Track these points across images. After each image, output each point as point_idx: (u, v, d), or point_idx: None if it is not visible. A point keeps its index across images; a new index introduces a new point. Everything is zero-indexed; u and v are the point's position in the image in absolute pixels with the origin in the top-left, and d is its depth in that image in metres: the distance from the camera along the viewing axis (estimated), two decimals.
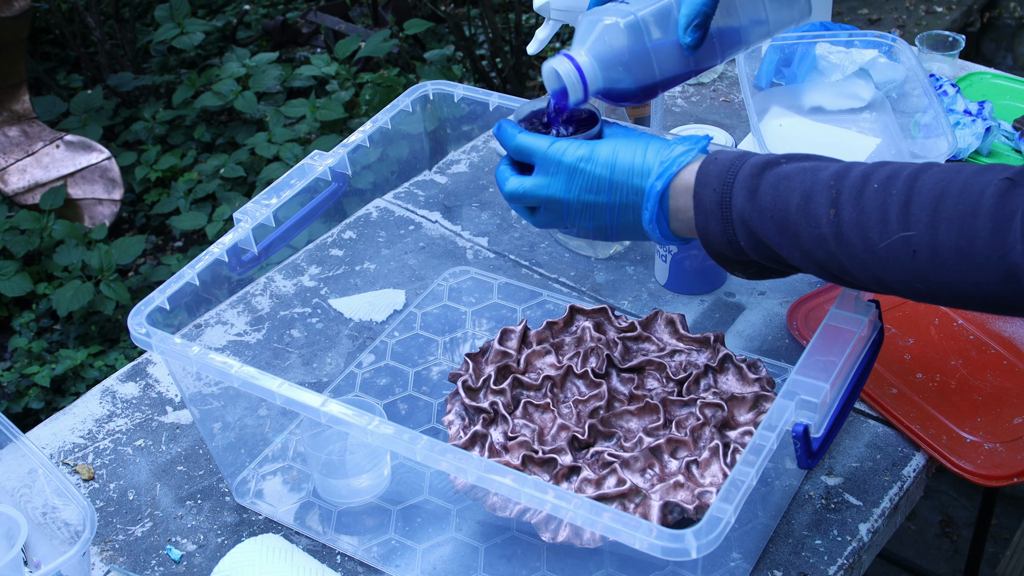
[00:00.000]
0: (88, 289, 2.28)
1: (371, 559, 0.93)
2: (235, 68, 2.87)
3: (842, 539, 0.93)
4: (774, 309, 1.17)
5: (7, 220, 2.49)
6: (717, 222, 0.80)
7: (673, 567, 0.90)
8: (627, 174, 0.84)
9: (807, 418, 0.77)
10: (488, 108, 1.08)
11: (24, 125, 2.73)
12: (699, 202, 0.81)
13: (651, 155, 0.84)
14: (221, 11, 3.57)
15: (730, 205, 0.80)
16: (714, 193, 0.80)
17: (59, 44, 3.33)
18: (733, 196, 0.79)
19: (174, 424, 1.07)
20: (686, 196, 0.82)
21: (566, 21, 1.13)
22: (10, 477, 1.00)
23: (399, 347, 1.14)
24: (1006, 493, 2.12)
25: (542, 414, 0.95)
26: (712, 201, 0.80)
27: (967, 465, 0.97)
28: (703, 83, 1.57)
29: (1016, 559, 1.32)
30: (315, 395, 0.80)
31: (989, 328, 1.12)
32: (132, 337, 0.86)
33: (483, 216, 1.33)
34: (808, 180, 0.77)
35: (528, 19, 3.22)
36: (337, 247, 1.29)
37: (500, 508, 0.87)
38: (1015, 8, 3.43)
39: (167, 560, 0.94)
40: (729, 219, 0.80)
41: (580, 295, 1.20)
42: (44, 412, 2.12)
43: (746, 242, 0.80)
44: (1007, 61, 3.45)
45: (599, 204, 0.86)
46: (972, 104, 1.38)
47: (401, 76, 2.88)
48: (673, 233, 0.85)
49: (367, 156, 1.06)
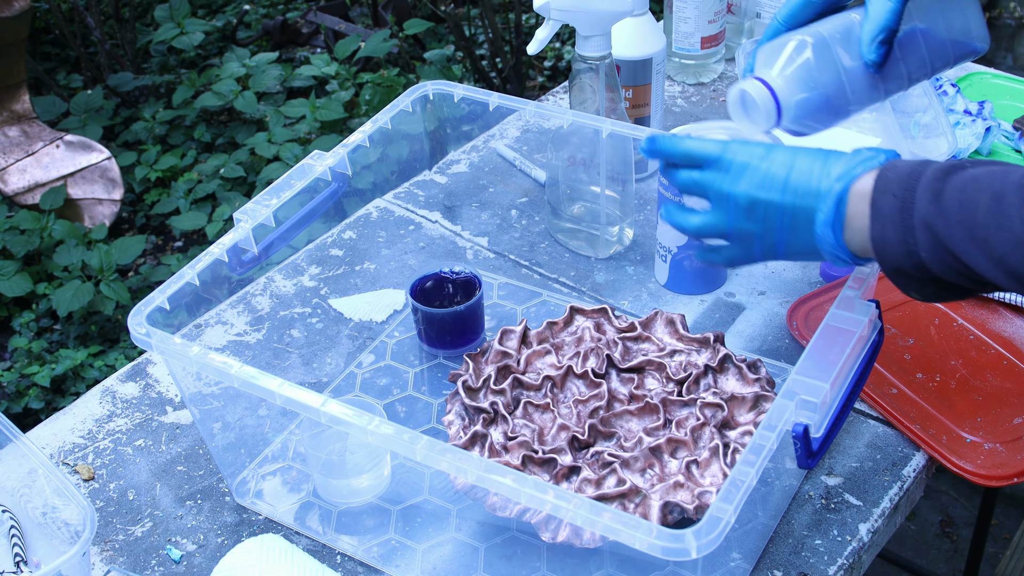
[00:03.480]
0: (88, 289, 2.28)
1: (371, 559, 0.93)
2: (235, 68, 2.87)
3: (842, 539, 0.93)
4: (774, 309, 1.17)
5: (7, 220, 2.49)
6: (896, 230, 0.76)
7: (673, 567, 0.90)
8: (805, 175, 0.81)
9: (807, 418, 0.77)
10: (488, 108, 1.08)
11: (24, 125, 2.73)
12: (877, 209, 0.77)
13: (832, 159, 0.81)
14: (221, 11, 3.57)
15: (912, 211, 0.75)
16: (894, 199, 0.76)
17: (59, 44, 3.34)
18: (916, 201, 0.75)
19: (174, 424, 1.07)
20: (863, 202, 0.78)
21: (566, 21, 1.13)
22: (10, 477, 1.00)
23: (399, 347, 1.14)
24: (1006, 493, 2.12)
25: (542, 414, 0.95)
26: (892, 207, 0.76)
27: (967, 465, 0.97)
28: (703, 83, 1.57)
29: (1016, 559, 1.32)
30: (315, 395, 0.80)
31: (989, 328, 1.12)
32: (132, 337, 0.86)
33: (483, 216, 1.33)
34: (998, 182, 0.73)
35: (528, 19, 3.22)
36: (337, 247, 1.29)
37: (500, 508, 0.87)
38: (1015, 8, 3.43)
39: (167, 560, 0.94)
40: (910, 226, 0.75)
41: (580, 295, 1.20)
42: (44, 412, 2.12)
43: (927, 252, 0.75)
44: (1007, 61, 3.45)
45: (771, 204, 0.82)
46: (972, 104, 1.38)
47: (401, 76, 2.88)
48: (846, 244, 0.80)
49: (367, 156, 1.06)
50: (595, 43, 1.15)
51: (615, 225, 1.24)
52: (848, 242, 0.80)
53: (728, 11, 1.55)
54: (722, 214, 0.85)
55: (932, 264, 0.75)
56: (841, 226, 0.79)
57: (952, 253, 0.74)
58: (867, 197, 0.78)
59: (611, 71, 1.18)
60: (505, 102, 1.07)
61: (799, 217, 0.81)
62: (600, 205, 1.23)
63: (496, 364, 0.98)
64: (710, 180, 0.85)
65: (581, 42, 1.15)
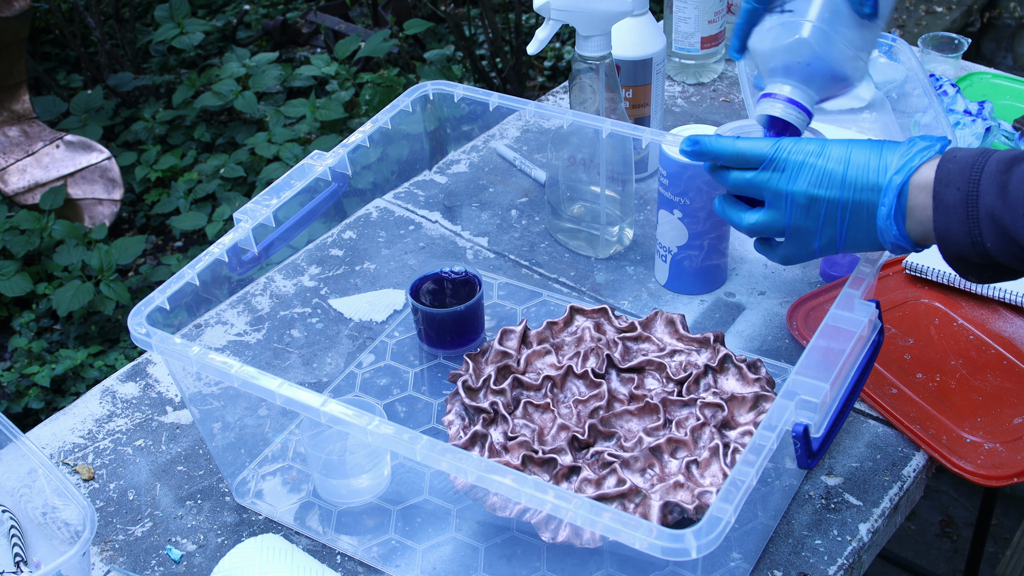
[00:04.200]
0: (88, 289, 2.28)
1: (371, 559, 0.93)
2: (235, 68, 2.87)
3: (842, 539, 0.93)
4: (774, 309, 1.17)
5: (7, 220, 2.49)
6: (961, 222, 0.77)
7: (673, 567, 0.90)
8: (863, 170, 0.81)
9: (807, 418, 0.77)
10: (488, 108, 1.08)
11: (24, 125, 2.73)
12: (940, 202, 0.78)
13: (888, 151, 0.81)
14: (221, 11, 3.57)
15: (977, 203, 0.76)
16: (958, 192, 0.76)
17: (59, 44, 3.33)
18: (980, 194, 0.75)
19: (174, 424, 1.07)
20: (924, 194, 0.79)
21: (566, 21, 1.13)
22: (10, 477, 1.00)
23: (399, 347, 1.14)
24: (1006, 493, 2.12)
25: (542, 414, 0.95)
26: (956, 200, 0.77)
27: (967, 465, 0.97)
28: (703, 83, 1.57)
29: (1016, 559, 1.32)
30: (315, 395, 0.80)
31: (989, 328, 1.12)
32: (132, 337, 0.86)
33: (483, 216, 1.33)
34: None
35: (528, 19, 3.22)
36: (337, 247, 1.29)
37: (500, 508, 0.87)
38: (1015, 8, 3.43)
39: (167, 560, 0.94)
40: (975, 218, 0.76)
41: (580, 295, 1.20)
42: (44, 412, 2.12)
43: (993, 243, 0.76)
44: (1007, 61, 3.45)
45: (831, 200, 0.82)
46: (972, 104, 1.38)
47: (401, 76, 2.88)
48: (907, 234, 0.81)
49: (367, 156, 1.06)
50: (595, 43, 1.15)
51: (615, 225, 1.24)
52: (909, 231, 0.81)
53: (728, 11, 1.55)
54: (779, 212, 0.86)
55: (997, 254, 0.76)
56: (903, 217, 0.80)
57: (1019, 244, 0.75)
58: (928, 188, 0.78)
59: (611, 71, 1.18)
60: (505, 102, 1.07)
61: (859, 211, 0.82)
62: (600, 205, 1.23)
63: (496, 364, 0.98)
64: (765, 180, 0.85)
65: (581, 42, 1.15)
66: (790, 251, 0.88)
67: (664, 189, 1.12)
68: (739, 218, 0.89)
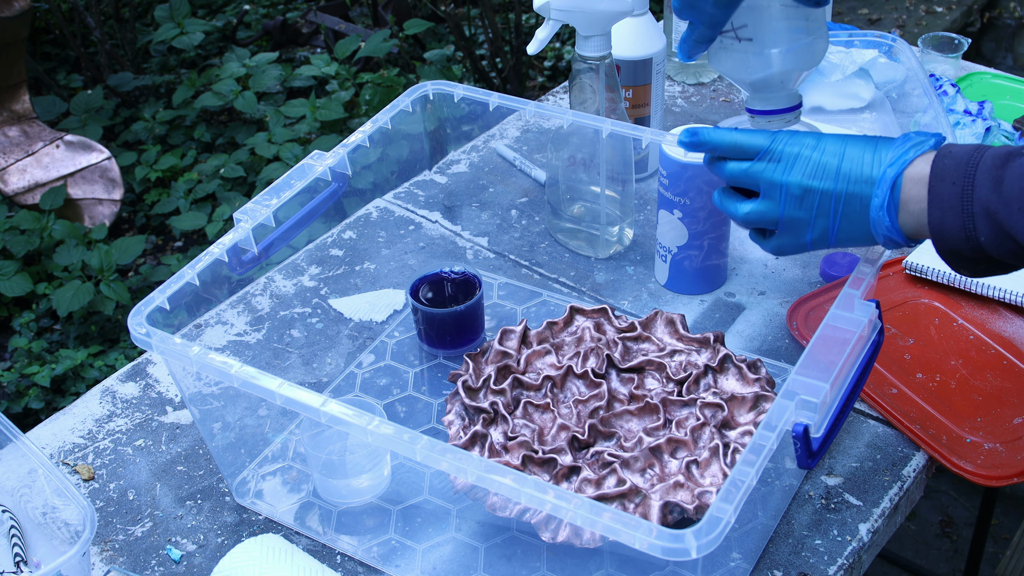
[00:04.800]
0: (88, 289, 2.28)
1: (371, 559, 0.93)
2: (235, 68, 2.87)
3: (842, 539, 0.93)
4: (774, 309, 1.17)
5: (7, 220, 2.49)
6: (956, 216, 0.77)
7: (673, 567, 0.90)
8: (857, 162, 0.82)
9: (807, 418, 0.77)
10: (488, 108, 1.08)
11: (24, 125, 2.73)
12: (935, 196, 0.78)
13: (882, 145, 0.82)
14: (221, 11, 3.57)
15: (972, 198, 0.76)
16: (953, 186, 0.77)
17: (59, 44, 3.34)
18: (975, 188, 0.76)
19: (174, 424, 1.07)
20: (918, 187, 0.79)
21: (566, 21, 1.13)
22: (10, 477, 1.00)
23: (399, 347, 1.14)
24: (1006, 493, 2.12)
25: (542, 414, 0.95)
26: (951, 194, 0.77)
27: (967, 465, 0.97)
28: (703, 83, 1.57)
29: (1016, 559, 1.32)
30: (315, 395, 0.80)
31: (989, 328, 1.12)
32: (132, 337, 0.86)
33: (483, 216, 1.33)
34: None
35: (528, 19, 3.22)
36: (337, 247, 1.29)
37: (500, 508, 0.87)
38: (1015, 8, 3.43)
39: (167, 560, 0.94)
40: (970, 213, 0.76)
41: (580, 295, 1.20)
42: (44, 412, 2.12)
43: (988, 237, 0.76)
44: (1007, 61, 3.46)
45: (825, 192, 0.83)
46: (972, 104, 1.38)
47: (401, 76, 2.88)
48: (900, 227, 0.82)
49: (367, 156, 1.06)
50: (595, 43, 1.15)
51: (615, 225, 1.24)
52: (902, 224, 0.81)
53: None
54: (773, 203, 0.86)
55: (991, 249, 0.77)
56: (896, 210, 0.81)
57: (1014, 239, 0.75)
58: (923, 182, 0.79)
59: (611, 71, 1.18)
60: (505, 102, 1.07)
61: (852, 203, 0.83)
62: (600, 205, 1.23)
63: (496, 364, 0.98)
64: (760, 170, 0.86)
65: (581, 42, 1.15)
66: (782, 241, 0.89)
67: (664, 189, 1.12)
68: (735, 208, 0.90)
